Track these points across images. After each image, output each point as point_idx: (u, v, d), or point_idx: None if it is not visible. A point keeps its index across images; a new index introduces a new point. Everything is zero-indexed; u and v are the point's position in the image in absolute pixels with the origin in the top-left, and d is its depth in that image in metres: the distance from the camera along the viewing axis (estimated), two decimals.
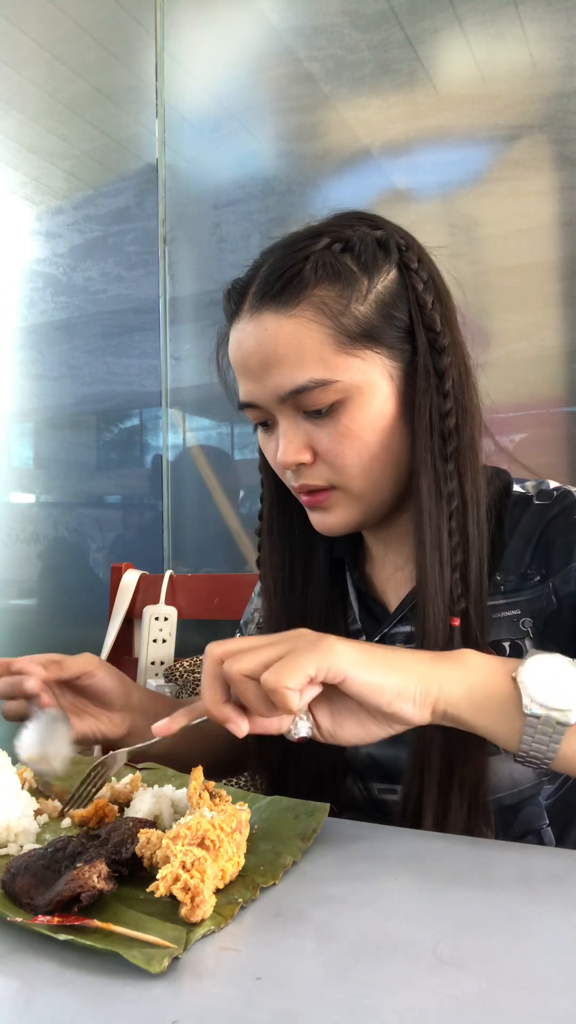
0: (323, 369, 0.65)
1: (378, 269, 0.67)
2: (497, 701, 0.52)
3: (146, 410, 1.99)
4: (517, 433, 1.47)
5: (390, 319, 0.67)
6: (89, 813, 0.57)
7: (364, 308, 0.66)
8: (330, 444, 0.67)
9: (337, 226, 0.69)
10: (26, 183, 2.08)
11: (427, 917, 0.42)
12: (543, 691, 0.51)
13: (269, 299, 0.66)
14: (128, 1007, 0.35)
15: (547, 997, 0.35)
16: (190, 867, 0.42)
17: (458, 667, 0.53)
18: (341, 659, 0.50)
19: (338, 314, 0.65)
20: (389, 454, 0.68)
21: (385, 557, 0.78)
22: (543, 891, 0.45)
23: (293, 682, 0.49)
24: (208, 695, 0.54)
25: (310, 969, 0.37)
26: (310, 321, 0.64)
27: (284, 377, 0.65)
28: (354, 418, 0.66)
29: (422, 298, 0.67)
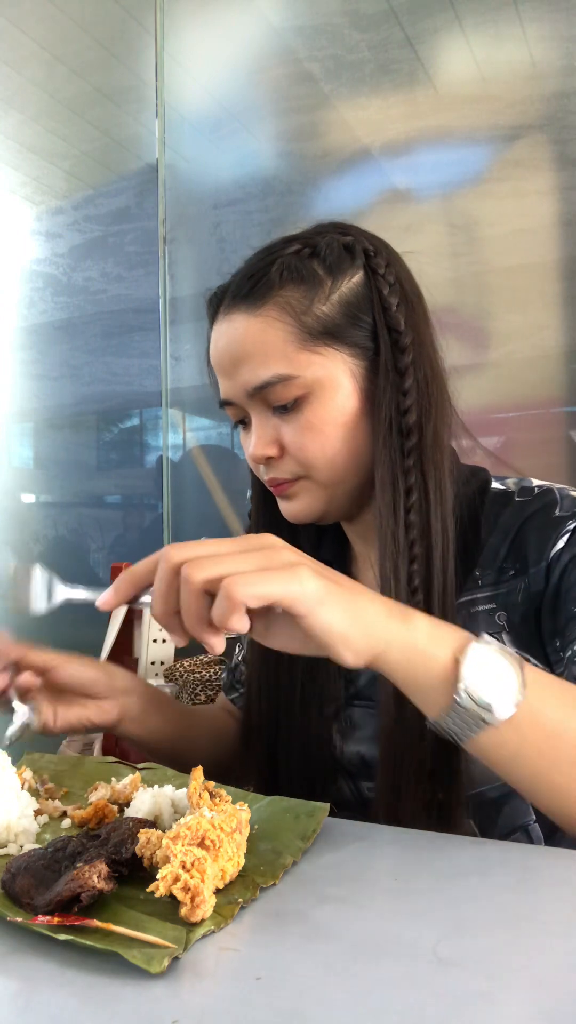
0: (286, 365, 0.68)
1: (343, 272, 0.70)
2: (433, 675, 0.51)
3: (146, 410, 1.99)
4: (517, 433, 1.47)
5: (354, 319, 0.69)
6: (89, 813, 0.57)
7: (327, 308, 0.69)
8: (294, 438, 0.70)
9: (309, 234, 0.73)
10: (26, 183, 2.09)
11: (427, 917, 0.42)
12: (480, 685, 0.50)
13: (239, 300, 0.70)
14: (128, 1007, 0.35)
15: (547, 997, 0.35)
16: (190, 867, 0.42)
17: (408, 631, 0.52)
18: (308, 592, 0.49)
19: (301, 313, 0.68)
20: (352, 448, 0.70)
21: (367, 557, 0.80)
22: (543, 891, 0.45)
23: (252, 599, 0.47)
24: (159, 604, 0.50)
25: (310, 969, 0.37)
26: (275, 320, 0.68)
27: (251, 373, 0.69)
28: (316, 413, 0.69)
29: (387, 300, 0.70)
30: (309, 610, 0.49)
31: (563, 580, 0.67)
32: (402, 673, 0.52)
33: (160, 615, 0.51)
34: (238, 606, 0.47)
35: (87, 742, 1.62)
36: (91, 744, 1.61)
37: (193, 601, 0.49)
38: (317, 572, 0.50)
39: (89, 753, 1.58)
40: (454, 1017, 0.34)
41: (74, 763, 0.71)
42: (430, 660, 0.51)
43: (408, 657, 0.52)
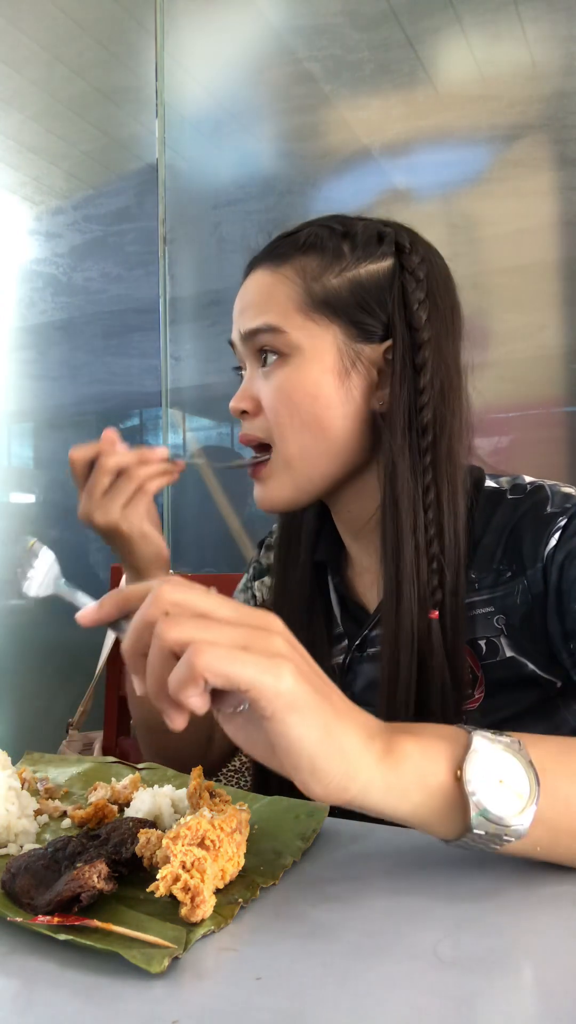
0: (279, 319, 0.70)
1: (367, 256, 0.71)
2: (435, 804, 0.44)
3: (146, 410, 1.99)
4: (517, 433, 1.47)
5: (362, 302, 0.70)
6: (89, 813, 0.57)
7: (336, 282, 0.70)
8: (267, 397, 0.71)
9: (354, 219, 0.74)
10: (26, 183, 2.09)
11: (427, 917, 0.42)
12: (493, 802, 0.43)
13: (266, 256, 0.73)
14: (128, 1007, 0.35)
15: (547, 997, 0.35)
16: (190, 867, 0.42)
17: (391, 768, 0.43)
18: (281, 690, 0.40)
19: (311, 279, 0.70)
20: (322, 429, 0.70)
21: (363, 562, 0.79)
22: (543, 891, 0.45)
23: (216, 676, 0.40)
24: (131, 640, 0.43)
25: (310, 969, 0.37)
26: (286, 278, 0.71)
27: (249, 319, 0.72)
28: (289, 377, 0.70)
29: (409, 296, 0.70)
30: (276, 713, 0.40)
31: (562, 580, 0.66)
32: (391, 812, 0.44)
33: (127, 653, 0.44)
34: (197, 679, 0.39)
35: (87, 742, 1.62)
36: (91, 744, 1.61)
37: (158, 660, 0.42)
38: (301, 673, 0.42)
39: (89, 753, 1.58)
40: (454, 1017, 0.34)
41: (74, 763, 0.71)
42: (425, 790, 0.44)
43: (398, 796, 0.44)
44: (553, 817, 0.44)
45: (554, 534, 0.67)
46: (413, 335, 0.69)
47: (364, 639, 0.76)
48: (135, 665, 0.44)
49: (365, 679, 0.77)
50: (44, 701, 2.03)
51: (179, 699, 0.40)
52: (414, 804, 0.44)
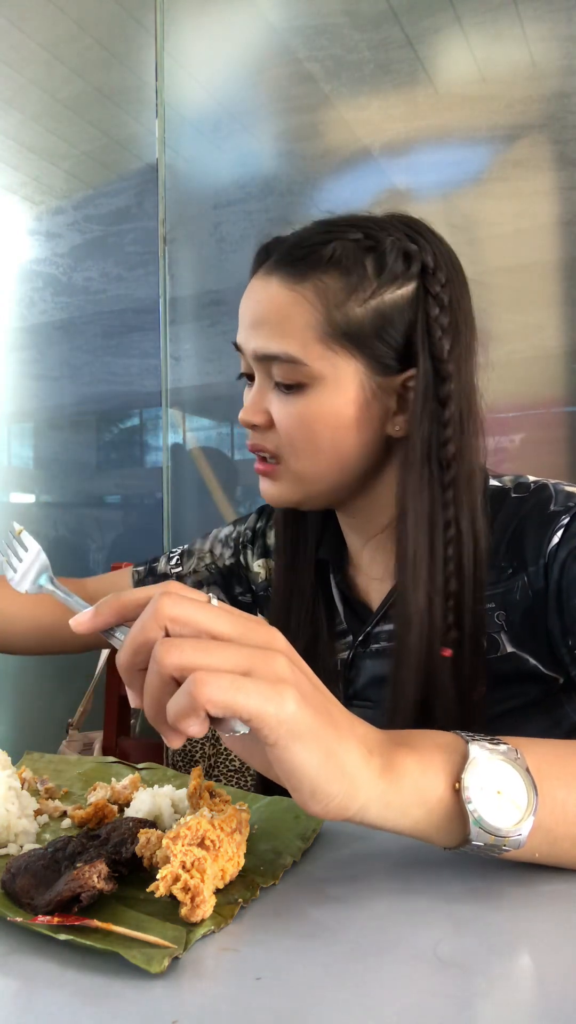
0: (299, 348, 0.66)
1: (392, 279, 0.67)
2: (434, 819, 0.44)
3: (146, 410, 1.99)
4: (517, 433, 1.47)
5: (382, 331, 0.67)
6: (89, 813, 0.57)
7: (360, 311, 0.66)
8: (284, 420, 0.69)
9: (378, 225, 0.69)
10: (26, 183, 2.09)
11: (427, 917, 0.42)
12: (492, 814, 0.43)
13: (284, 265, 0.68)
14: (128, 1007, 0.35)
15: (547, 997, 0.35)
16: (190, 867, 0.42)
17: (390, 784, 0.43)
18: (283, 718, 0.40)
19: (334, 305, 0.66)
20: (337, 453, 0.69)
21: (364, 560, 0.79)
22: (543, 891, 0.45)
23: (217, 707, 0.38)
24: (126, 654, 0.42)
25: (310, 969, 0.37)
26: (306, 301, 0.66)
27: (264, 339, 0.68)
28: (310, 406, 0.67)
29: (432, 324, 0.67)
30: (279, 740, 0.40)
31: (563, 577, 0.66)
32: (391, 827, 0.44)
33: (123, 668, 0.43)
34: (198, 709, 0.39)
35: (87, 742, 1.62)
36: (91, 744, 1.61)
37: (157, 683, 0.41)
38: (304, 697, 0.41)
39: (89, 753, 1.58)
40: (454, 1017, 0.34)
41: (74, 763, 0.71)
42: (424, 805, 0.43)
43: (397, 812, 0.43)
44: (551, 825, 0.45)
45: (557, 532, 0.67)
46: (437, 366, 0.67)
47: (367, 635, 0.76)
48: (131, 680, 0.43)
49: (368, 675, 0.77)
50: (44, 701, 2.03)
51: (178, 727, 0.40)
52: (413, 819, 0.44)
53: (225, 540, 0.91)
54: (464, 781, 0.43)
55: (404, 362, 0.68)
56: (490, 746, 0.45)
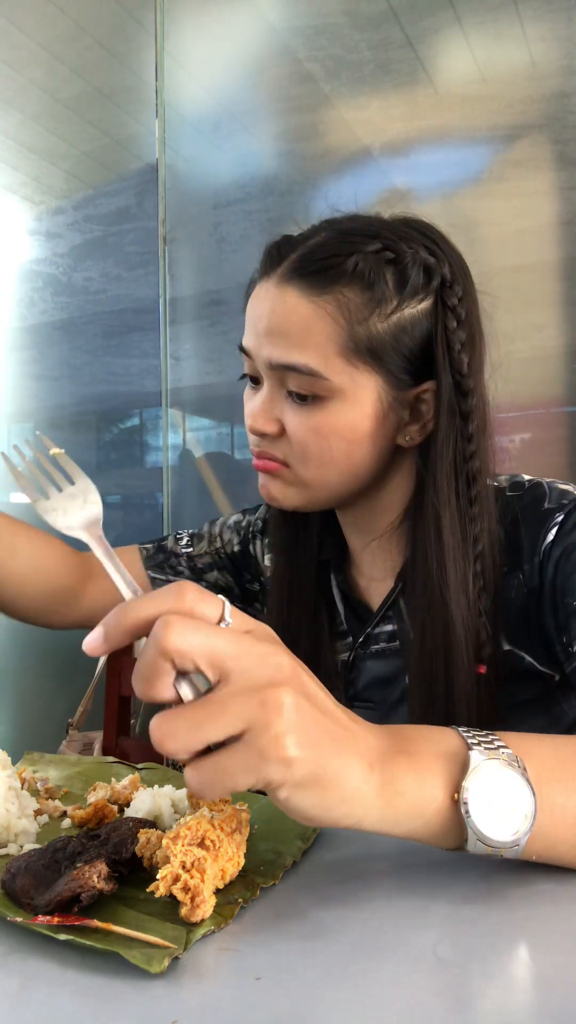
0: (319, 361, 0.65)
1: (412, 294, 0.66)
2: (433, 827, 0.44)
3: (146, 410, 1.99)
4: (517, 433, 1.47)
5: (400, 345, 0.66)
6: (89, 813, 0.57)
7: (382, 327, 0.66)
8: (297, 430, 0.67)
9: (396, 235, 0.68)
10: (26, 183, 2.08)
11: (427, 917, 0.42)
12: (490, 825, 0.43)
13: (301, 276, 0.66)
14: (128, 1007, 0.35)
15: (547, 997, 0.35)
16: (190, 867, 0.42)
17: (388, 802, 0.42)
18: (288, 779, 0.39)
19: (356, 321, 0.65)
20: (348, 463, 0.68)
21: (365, 561, 0.79)
22: (543, 891, 0.45)
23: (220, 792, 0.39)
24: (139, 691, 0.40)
25: (310, 969, 0.37)
26: (327, 315, 0.65)
27: (281, 350, 0.66)
28: (327, 419, 0.66)
29: (451, 337, 0.67)
30: (279, 794, 0.40)
31: (558, 574, 0.66)
32: (387, 833, 0.44)
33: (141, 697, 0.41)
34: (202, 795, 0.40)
35: (87, 742, 1.62)
36: (91, 744, 1.61)
37: None
38: (305, 739, 0.40)
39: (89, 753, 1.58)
40: (454, 1017, 0.34)
41: (74, 763, 0.71)
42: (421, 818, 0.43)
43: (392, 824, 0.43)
44: (549, 830, 0.44)
45: (551, 529, 0.67)
46: (458, 380, 0.67)
47: (368, 636, 0.76)
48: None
49: (369, 676, 0.77)
50: (44, 701, 2.03)
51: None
52: (409, 829, 0.44)
53: (234, 527, 0.91)
54: (463, 793, 0.43)
55: (419, 374, 0.68)
56: (491, 751, 0.44)
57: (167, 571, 0.88)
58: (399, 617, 0.75)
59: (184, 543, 0.90)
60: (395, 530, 0.74)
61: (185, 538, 0.91)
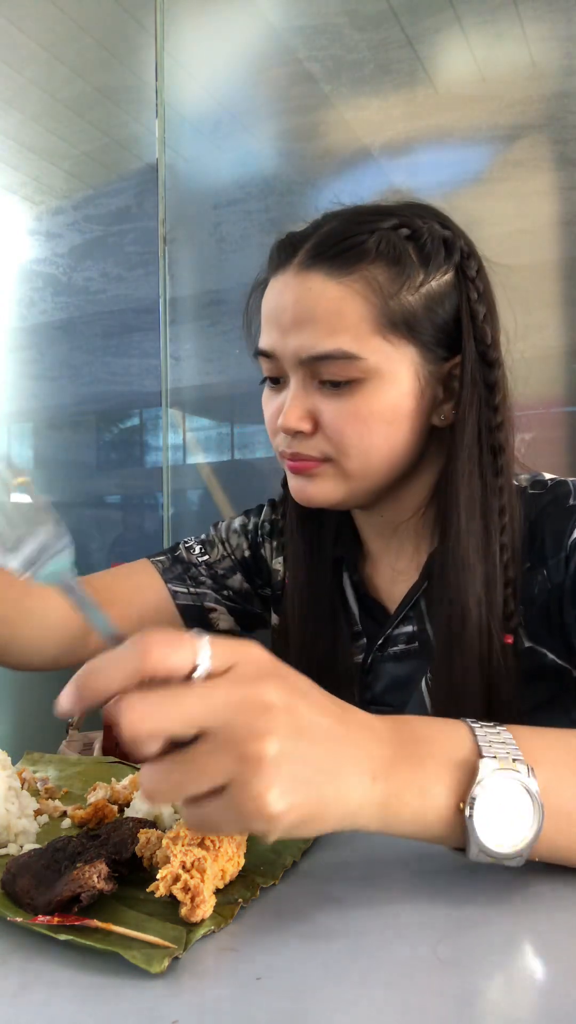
0: (354, 343, 0.64)
1: (437, 267, 0.66)
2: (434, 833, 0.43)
3: (146, 410, 1.99)
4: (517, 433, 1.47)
5: (433, 318, 0.66)
6: (89, 813, 0.57)
7: (413, 299, 0.65)
8: (335, 420, 0.65)
9: (408, 212, 0.68)
10: (26, 183, 2.09)
11: (427, 917, 0.42)
12: (494, 838, 0.42)
13: (323, 260, 0.65)
14: (128, 1007, 0.35)
15: (547, 997, 0.35)
16: (190, 867, 0.42)
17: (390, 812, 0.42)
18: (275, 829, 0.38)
19: (387, 296, 0.64)
20: (390, 447, 0.67)
21: (385, 559, 0.78)
22: (543, 891, 0.45)
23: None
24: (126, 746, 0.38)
25: (310, 969, 0.37)
26: (357, 294, 0.64)
27: (312, 339, 0.64)
28: (367, 401, 0.65)
29: (475, 308, 0.67)
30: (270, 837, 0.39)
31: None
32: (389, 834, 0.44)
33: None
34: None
35: (87, 742, 1.62)
36: (91, 744, 1.61)
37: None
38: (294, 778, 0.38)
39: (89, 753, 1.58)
40: (454, 1017, 0.34)
41: (74, 763, 0.71)
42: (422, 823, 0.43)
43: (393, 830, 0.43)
44: (554, 836, 0.44)
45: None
46: (482, 351, 0.67)
47: (387, 638, 0.75)
48: None
49: (388, 679, 0.75)
50: (44, 701, 2.03)
51: None
52: (410, 833, 0.43)
53: (241, 530, 0.88)
54: (470, 804, 0.42)
55: (450, 348, 0.68)
56: (502, 763, 0.43)
57: (188, 583, 0.85)
58: (419, 619, 0.73)
59: (198, 552, 0.87)
60: (420, 520, 0.73)
61: (196, 546, 0.87)
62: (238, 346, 0.73)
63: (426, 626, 0.73)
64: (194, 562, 0.86)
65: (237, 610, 0.86)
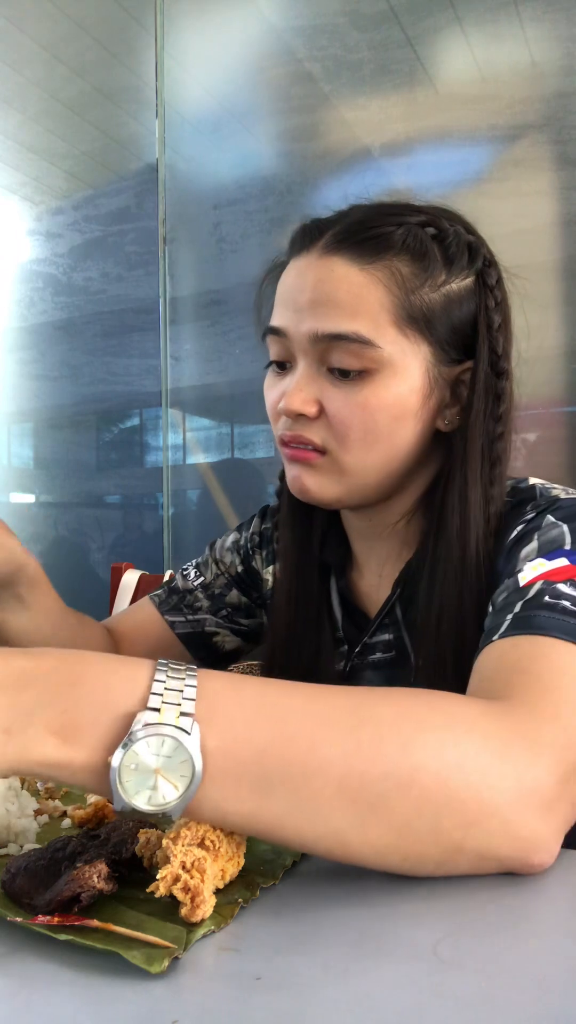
0: (371, 330, 0.63)
1: (459, 269, 0.66)
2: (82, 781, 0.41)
3: (146, 410, 1.99)
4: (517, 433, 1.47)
5: (449, 321, 0.66)
6: (89, 813, 0.57)
7: (434, 297, 0.65)
8: (341, 408, 0.65)
9: (436, 213, 0.68)
10: (26, 183, 2.09)
11: (427, 917, 0.42)
12: (143, 794, 0.41)
13: (348, 246, 0.65)
14: (128, 1007, 0.35)
15: (547, 997, 0.35)
16: (190, 867, 0.42)
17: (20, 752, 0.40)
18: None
19: (409, 290, 0.64)
20: (392, 444, 0.66)
21: (369, 565, 0.77)
22: (543, 891, 0.45)
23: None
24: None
25: (310, 969, 0.37)
26: (380, 283, 0.64)
27: (331, 319, 0.64)
28: (376, 393, 0.64)
29: (491, 316, 0.67)
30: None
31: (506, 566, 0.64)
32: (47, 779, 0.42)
33: None
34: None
35: None
36: None
37: None
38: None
39: None
40: (454, 1017, 0.34)
41: None
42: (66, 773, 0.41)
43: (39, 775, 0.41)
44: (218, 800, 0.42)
45: (518, 526, 0.65)
46: (494, 360, 0.67)
47: (364, 645, 0.75)
48: None
49: (369, 677, 0.76)
50: None
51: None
52: (61, 782, 0.42)
53: (233, 547, 0.88)
54: (114, 760, 0.40)
55: (462, 352, 0.68)
56: (165, 710, 0.41)
57: (185, 611, 0.86)
58: (396, 626, 0.73)
59: (193, 576, 0.88)
60: (405, 526, 0.73)
61: (191, 571, 0.89)
62: (238, 346, 0.73)
63: (402, 634, 0.72)
64: (190, 587, 0.87)
65: (239, 629, 0.88)
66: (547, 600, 0.55)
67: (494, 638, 0.55)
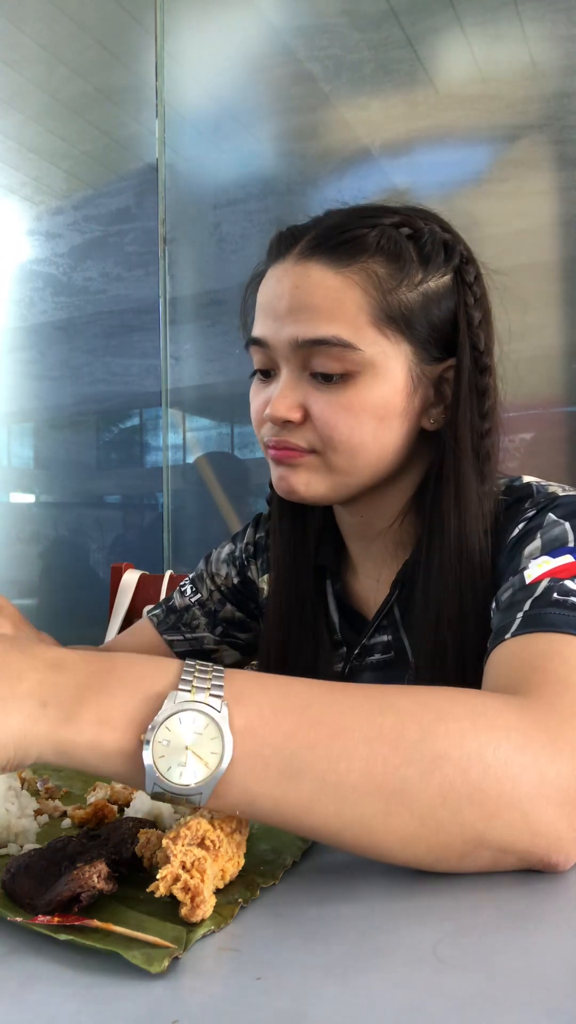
0: (351, 333, 0.64)
1: (436, 268, 0.66)
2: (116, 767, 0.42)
3: (146, 410, 1.99)
4: (517, 433, 1.47)
5: (429, 319, 0.66)
6: (89, 813, 0.57)
7: (411, 296, 0.65)
8: (326, 412, 0.65)
9: (410, 213, 0.68)
10: (26, 183, 2.09)
11: (427, 917, 0.42)
12: (174, 771, 0.41)
13: (323, 251, 0.65)
14: (128, 1007, 0.35)
15: (547, 997, 0.35)
16: (190, 867, 0.42)
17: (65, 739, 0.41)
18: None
19: (386, 291, 0.64)
20: (379, 445, 0.67)
21: (364, 567, 0.77)
22: (543, 891, 0.45)
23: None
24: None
25: (310, 969, 0.37)
26: (356, 285, 0.64)
27: (310, 325, 0.64)
28: (359, 394, 0.65)
29: (471, 313, 0.67)
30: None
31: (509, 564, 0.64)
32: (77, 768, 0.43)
33: None
34: None
35: None
36: None
37: None
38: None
39: None
40: (454, 1017, 0.34)
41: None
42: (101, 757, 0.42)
43: (76, 760, 0.42)
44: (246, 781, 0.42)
45: (519, 525, 0.65)
46: (476, 357, 0.67)
47: (363, 647, 0.75)
48: None
49: (369, 677, 0.76)
50: None
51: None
52: (93, 766, 0.42)
53: (229, 559, 0.88)
54: (147, 735, 0.41)
55: (443, 350, 0.68)
56: (196, 690, 0.42)
57: (183, 630, 0.88)
58: (394, 628, 0.73)
59: (190, 592, 0.89)
60: (399, 527, 0.73)
61: (188, 587, 0.89)
62: (238, 346, 0.73)
63: (401, 635, 0.72)
64: (187, 604, 0.88)
65: (237, 643, 0.89)
66: (556, 597, 0.56)
67: (506, 637, 0.55)
